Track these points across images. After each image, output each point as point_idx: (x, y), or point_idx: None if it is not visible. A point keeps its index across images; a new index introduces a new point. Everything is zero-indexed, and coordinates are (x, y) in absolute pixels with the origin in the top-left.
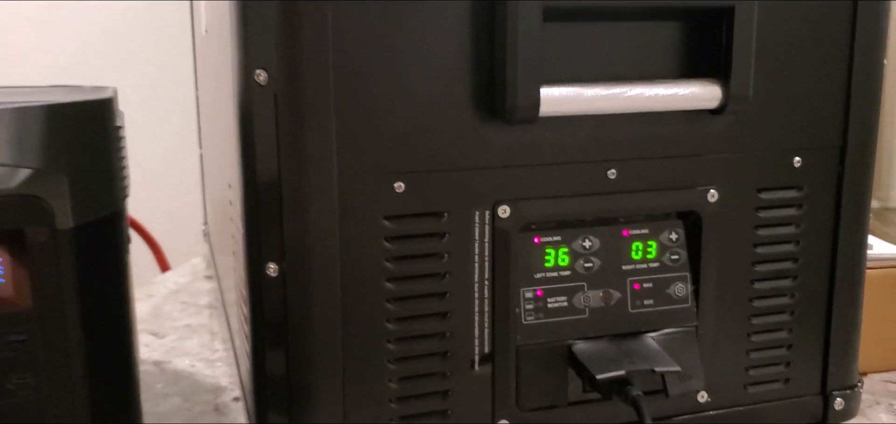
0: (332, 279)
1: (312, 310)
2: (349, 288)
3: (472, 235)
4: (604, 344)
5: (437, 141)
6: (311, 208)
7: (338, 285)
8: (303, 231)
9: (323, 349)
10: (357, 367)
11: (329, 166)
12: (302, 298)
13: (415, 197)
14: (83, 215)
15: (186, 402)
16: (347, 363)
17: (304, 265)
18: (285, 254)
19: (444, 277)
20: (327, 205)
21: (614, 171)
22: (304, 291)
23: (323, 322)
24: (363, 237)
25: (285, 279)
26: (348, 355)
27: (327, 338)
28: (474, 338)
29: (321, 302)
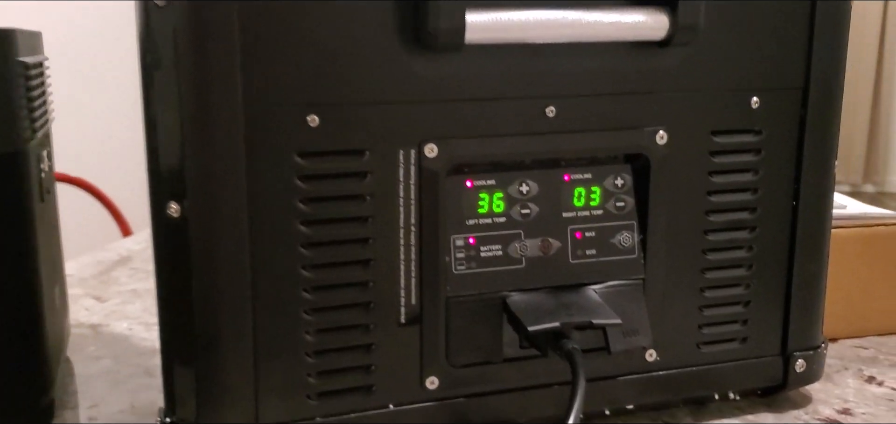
0: (238, 221)
1: (217, 254)
2: (259, 231)
3: (397, 176)
4: (541, 296)
5: (356, 71)
6: (213, 142)
7: (245, 227)
8: (205, 168)
9: (230, 296)
10: (269, 317)
11: (233, 95)
12: (206, 241)
13: (331, 133)
14: None
15: (117, 364)
16: (258, 313)
17: (207, 205)
18: (186, 192)
19: (365, 221)
20: (231, 139)
21: (553, 108)
22: (208, 233)
23: (229, 268)
24: (274, 176)
25: (187, 220)
26: (259, 303)
27: (235, 285)
28: (400, 289)
29: (227, 246)
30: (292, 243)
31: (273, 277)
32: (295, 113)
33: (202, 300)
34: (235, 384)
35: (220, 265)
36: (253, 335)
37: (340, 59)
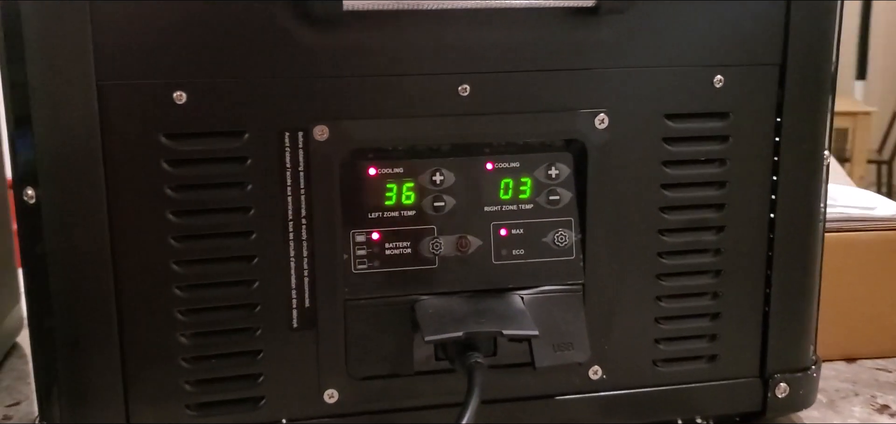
0: (94, 208)
1: (74, 244)
2: (120, 220)
3: (282, 161)
4: (455, 302)
5: (231, 41)
6: (62, 122)
7: (104, 214)
8: (57, 149)
9: (89, 292)
10: (137, 316)
11: (83, 69)
12: (61, 229)
13: (201, 111)
14: None
15: None
16: (124, 313)
17: (60, 191)
18: (39, 177)
19: (246, 212)
20: (82, 118)
21: (467, 87)
22: (62, 221)
23: (87, 260)
24: (136, 159)
25: (41, 206)
26: (125, 301)
27: (94, 280)
28: (291, 289)
29: (83, 235)
30: (161, 234)
31: (140, 272)
32: (159, 90)
33: (60, 295)
34: (101, 387)
35: (78, 257)
36: (119, 335)
37: (209, 28)
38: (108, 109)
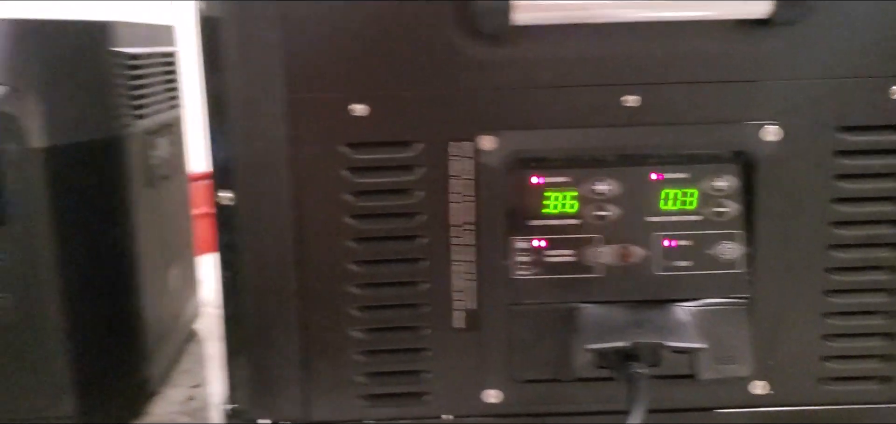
0: (282, 212)
1: (264, 245)
2: (305, 223)
3: (448, 169)
4: (617, 311)
5: (406, 58)
6: (257, 132)
7: (289, 218)
8: (250, 158)
9: (276, 288)
10: (317, 312)
11: (276, 85)
12: (253, 230)
13: (379, 123)
14: (61, 135)
15: None
16: (306, 307)
17: (253, 195)
18: (235, 182)
19: (414, 217)
20: (275, 130)
21: (634, 98)
22: (255, 223)
23: (275, 258)
24: (320, 167)
25: (237, 209)
26: (306, 297)
27: (280, 277)
28: (454, 292)
29: (272, 237)
30: (340, 236)
31: (320, 271)
32: (342, 103)
33: (252, 291)
34: (284, 377)
35: (267, 257)
36: (301, 329)
37: (389, 45)
38: (297, 121)
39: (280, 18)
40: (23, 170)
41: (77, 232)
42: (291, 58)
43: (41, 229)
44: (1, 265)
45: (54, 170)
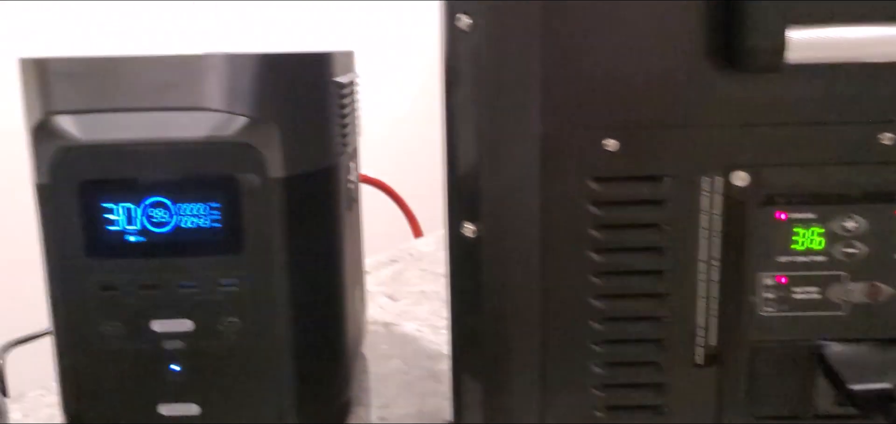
0: (529, 246)
1: (508, 279)
2: (550, 256)
3: (699, 204)
4: (866, 350)
5: (658, 92)
6: (509, 165)
7: (537, 252)
8: (500, 190)
9: (519, 321)
10: (558, 345)
11: (530, 118)
12: (498, 263)
13: (629, 157)
14: (295, 165)
15: (405, 365)
16: (547, 339)
17: (501, 228)
18: (481, 214)
19: (661, 252)
20: (527, 162)
21: (890, 136)
22: (500, 255)
23: (519, 293)
24: (567, 201)
25: (481, 241)
26: (548, 330)
27: (524, 310)
28: (697, 327)
29: (518, 270)
30: (584, 271)
31: (563, 304)
32: (593, 136)
33: (492, 321)
34: (521, 406)
35: (511, 290)
36: (540, 361)
37: (642, 80)
38: (549, 154)
39: (541, 51)
40: (261, 200)
41: (302, 258)
42: (549, 90)
43: (274, 256)
44: (233, 291)
45: (289, 199)
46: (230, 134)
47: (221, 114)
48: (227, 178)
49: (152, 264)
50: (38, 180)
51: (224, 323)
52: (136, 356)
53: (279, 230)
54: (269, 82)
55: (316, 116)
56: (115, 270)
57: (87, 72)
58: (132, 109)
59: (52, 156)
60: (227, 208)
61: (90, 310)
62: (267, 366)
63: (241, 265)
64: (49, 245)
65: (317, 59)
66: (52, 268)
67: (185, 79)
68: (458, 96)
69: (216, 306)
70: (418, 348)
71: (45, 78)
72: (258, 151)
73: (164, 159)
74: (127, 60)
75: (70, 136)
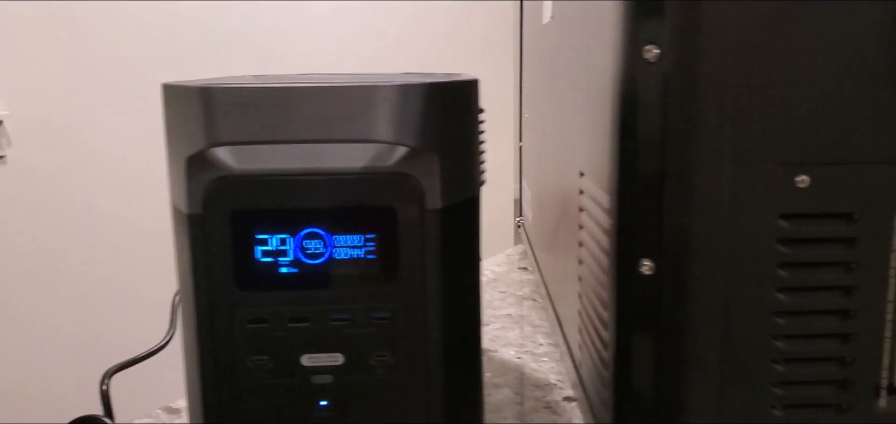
0: (713, 285)
1: (689, 318)
2: (732, 295)
3: (891, 244)
4: None
5: (853, 128)
6: (696, 201)
7: (721, 291)
8: (685, 227)
9: (697, 362)
10: (736, 386)
11: (721, 154)
12: (677, 302)
13: (820, 194)
14: (450, 196)
15: (516, 395)
16: (725, 381)
17: (684, 265)
18: (662, 251)
19: (848, 292)
20: (716, 199)
21: None
22: (681, 294)
23: (699, 332)
24: (754, 238)
25: (660, 279)
26: (726, 371)
27: (703, 350)
28: (882, 368)
29: (699, 310)
30: (766, 310)
31: (744, 345)
32: (784, 173)
33: (666, 362)
34: None
35: (691, 330)
36: (718, 403)
37: (837, 114)
38: (736, 189)
39: (734, 82)
40: (418, 230)
41: (453, 290)
42: (741, 123)
43: (429, 288)
44: (385, 323)
45: (444, 230)
46: (390, 164)
47: (381, 144)
48: (386, 209)
49: (304, 296)
50: (189, 210)
51: (375, 358)
52: (284, 391)
53: (434, 261)
54: (433, 111)
55: (467, 145)
56: (266, 302)
57: (255, 102)
58: (297, 140)
59: (206, 186)
60: (383, 239)
61: (238, 344)
62: (417, 401)
63: (395, 296)
64: (198, 277)
65: (468, 85)
66: (200, 301)
67: (354, 110)
68: (639, 129)
69: (368, 339)
70: (524, 376)
71: (209, 107)
72: (418, 182)
73: (321, 189)
74: (297, 91)
75: (225, 165)
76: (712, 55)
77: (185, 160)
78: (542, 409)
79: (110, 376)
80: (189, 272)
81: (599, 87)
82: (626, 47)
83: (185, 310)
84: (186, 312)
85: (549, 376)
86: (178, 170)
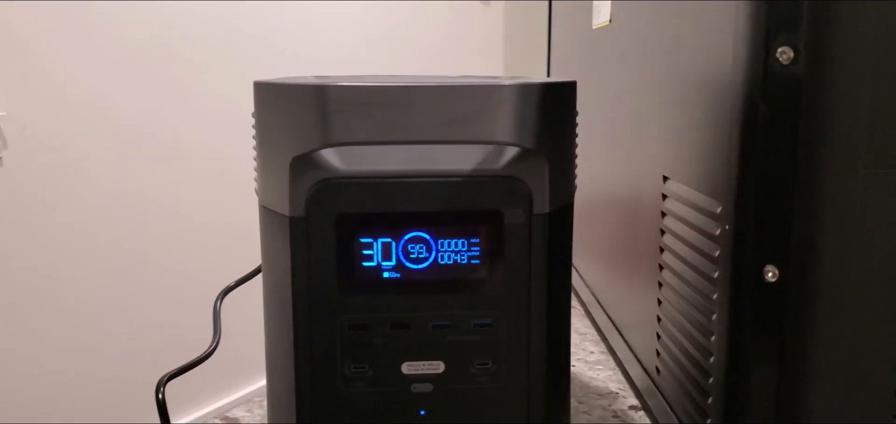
0: (840, 293)
1: (813, 326)
2: (860, 304)
3: None
4: None
5: None
6: (826, 207)
7: (848, 299)
8: (814, 233)
9: (820, 370)
10: (858, 394)
11: (854, 160)
12: (802, 310)
13: None
14: (556, 200)
15: (582, 404)
16: (848, 390)
17: (812, 272)
18: (788, 257)
19: None
20: (847, 206)
21: None
22: (807, 302)
23: (824, 341)
24: (884, 246)
25: (785, 285)
26: (850, 380)
27: (827, 358)
28: None
29: (824, 318)
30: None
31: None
32: None
33: (789, 371)
34: None
35: (815, 340)
36: (839, 412)
37: None
38: (867, 196)
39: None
40: (524, 235)
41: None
42: (876, 128)
43: (534, 295)
44: (488, 331)
45: (550, 235)
46: (499, 167)
47: (489, 146)
48: (493, 213)
49: (407, 301)
50: (292, 213)
51: (476, 366)
52: (383, 400)
53: (539, 268)
54: (546, 112)
55: (569, 148)
56: (368, 308)
57: (372, 101)
58: (410, 141)
59: (310, 188)
60: (488, 244)
61: (338, 350)
62: (517, 411)
63: (498, 303)
64: (297, 282)
65: (570, 87)
66: (299, 305)
67: (474, 110)
68: (767, 133)
69: (469, 346)
70: (583, 385)
71: (324, 107)
72: (526, 185)
73: (427, 192)
74: (418, 90)
75: (331, 167)
76: (848, 58)
77: (290, 162)
78: (611, 419)
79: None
80: (288, 277)
81: (710, 88)
82: (756, 49)
83: (277, 316)
84: (280, 318)
85: (610, 384)
86: (277, 171)
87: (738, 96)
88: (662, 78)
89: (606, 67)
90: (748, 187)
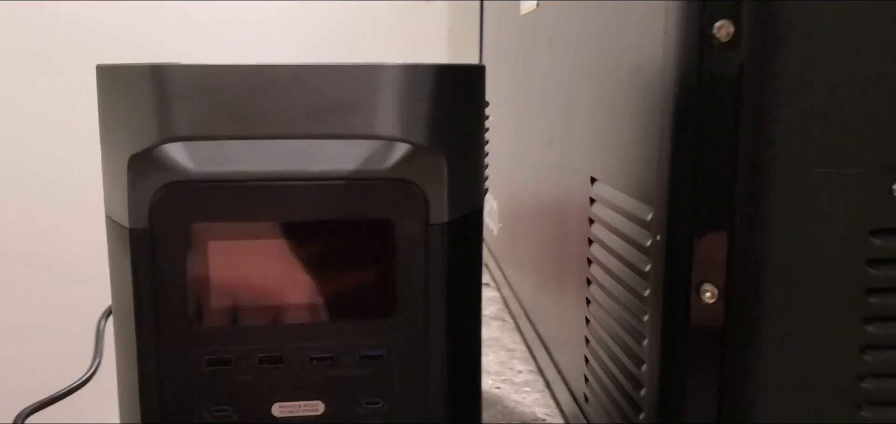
0: (789, 314)
1: (758, 353)
2: (811, 326)
3: None
4: None
5: None
6: (772, 217)
7: (797, 321)
8: (758, 245)
9: (766, 404)
10: None
11: (805, 159)
12: (744, 332)
13: None
14: (458, 207)
15: None
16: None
17: (754, 291)
18: (729, 274)
19: None
20: (796, 212)
21: None
22: (749, 323)
23: (770, 370)
24: (839, 259)
25: (726, 307)
26: (801, 414)
27: (774, 390)
28: None
29: (771, 343)
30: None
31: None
32: (878, 179)
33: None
34: None
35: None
36: None
37: None
38: (819, 201)
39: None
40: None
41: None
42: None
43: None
44: (378, 363)
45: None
46: (387, 168)
47: (376, 142)
48: (381, 223)
49: (278, 330)
50: (131, 224)
51: (364, 405)
52: None
53: (438, 288)
54: (443, 101)
55: (475, 145)
56: (230, 339)
57: (223, 86)
58: (273, 136)
59: (154, 194)
60: (376, 261)
61: (194, 390)
62: None
63: (390, 330)
64: (141, 308)
65: (476, 72)
66: (144, 337)
67: (349, 97)
68: (703, 128)
69: (356, 382)
70: (508, 410)
71: (163, 92)
72: (420, 189)
73: (300, 198)
74: (277, 71)
75: (179, 168)
76: (799, 36)
77: (128, 160)
78: None
79: (25, 417)
80: (129, 301)
81: (640, 74)
82: (689, 25)
83: (123, 347)
84: (124, 349)
85: (536, 409)
86: (116, 172)
87: (670, 83)
88: (590, 64)
89: (534, 57)
90: (682, 190)
